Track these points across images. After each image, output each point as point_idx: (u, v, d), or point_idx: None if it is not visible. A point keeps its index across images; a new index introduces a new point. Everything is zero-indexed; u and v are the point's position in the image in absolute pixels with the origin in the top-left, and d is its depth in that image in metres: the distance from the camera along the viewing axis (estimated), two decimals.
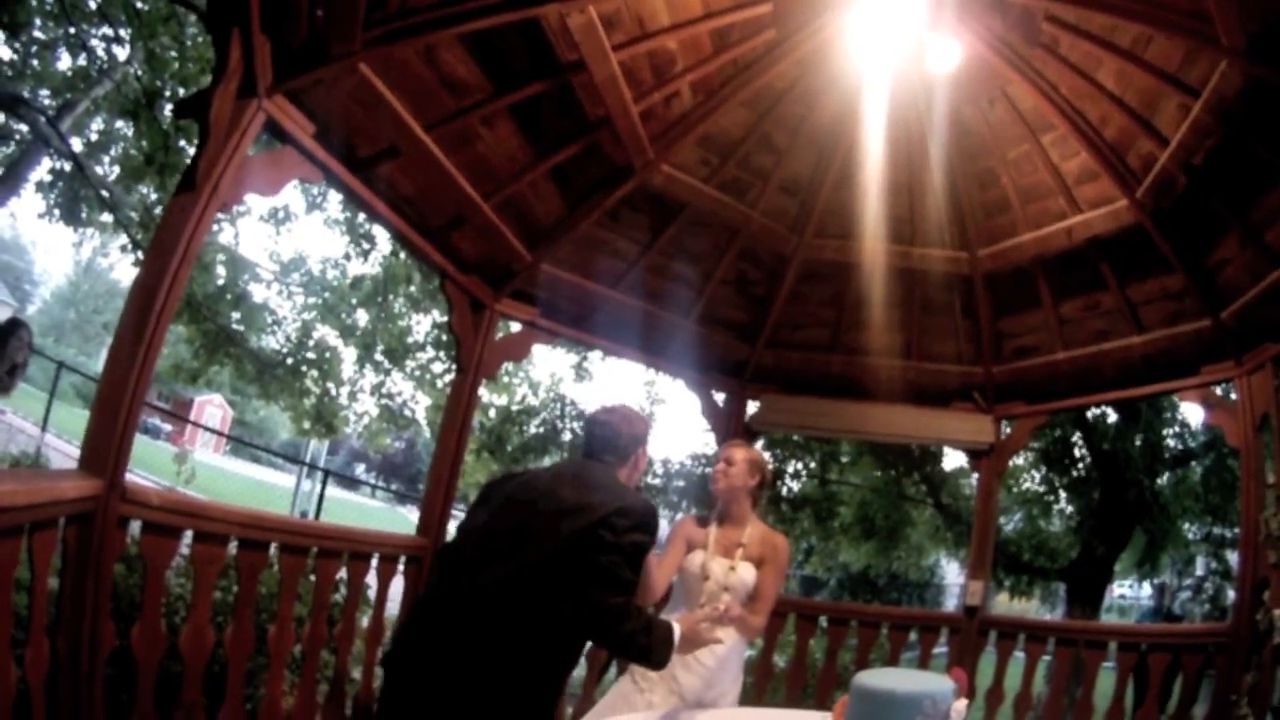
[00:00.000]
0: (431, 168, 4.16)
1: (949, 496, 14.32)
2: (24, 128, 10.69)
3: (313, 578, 4.08)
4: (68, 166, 11.06)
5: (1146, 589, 27.33)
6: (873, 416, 6.05)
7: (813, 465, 14.67)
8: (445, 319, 12.44)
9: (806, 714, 3.34)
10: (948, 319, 5.76)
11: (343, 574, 4.31)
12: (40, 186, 11.38)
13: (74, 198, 11.34)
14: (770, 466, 4.03)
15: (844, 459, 14.55)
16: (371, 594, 4.59)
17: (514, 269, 5.11)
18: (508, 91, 4.08)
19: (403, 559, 4.65)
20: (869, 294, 5.59)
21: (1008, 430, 5.94)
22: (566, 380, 15.77)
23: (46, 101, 11.11)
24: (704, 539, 3.70)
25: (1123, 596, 30.65)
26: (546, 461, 13.43)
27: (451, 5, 3.37)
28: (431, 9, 3.36)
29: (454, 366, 5.35)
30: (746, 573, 3.60)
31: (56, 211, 11.58)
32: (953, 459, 13.92)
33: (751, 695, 4.99)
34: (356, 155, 3.99)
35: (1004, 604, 18.03)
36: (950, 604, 23.30)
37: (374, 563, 4.40)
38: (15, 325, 5.75)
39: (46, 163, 11.49)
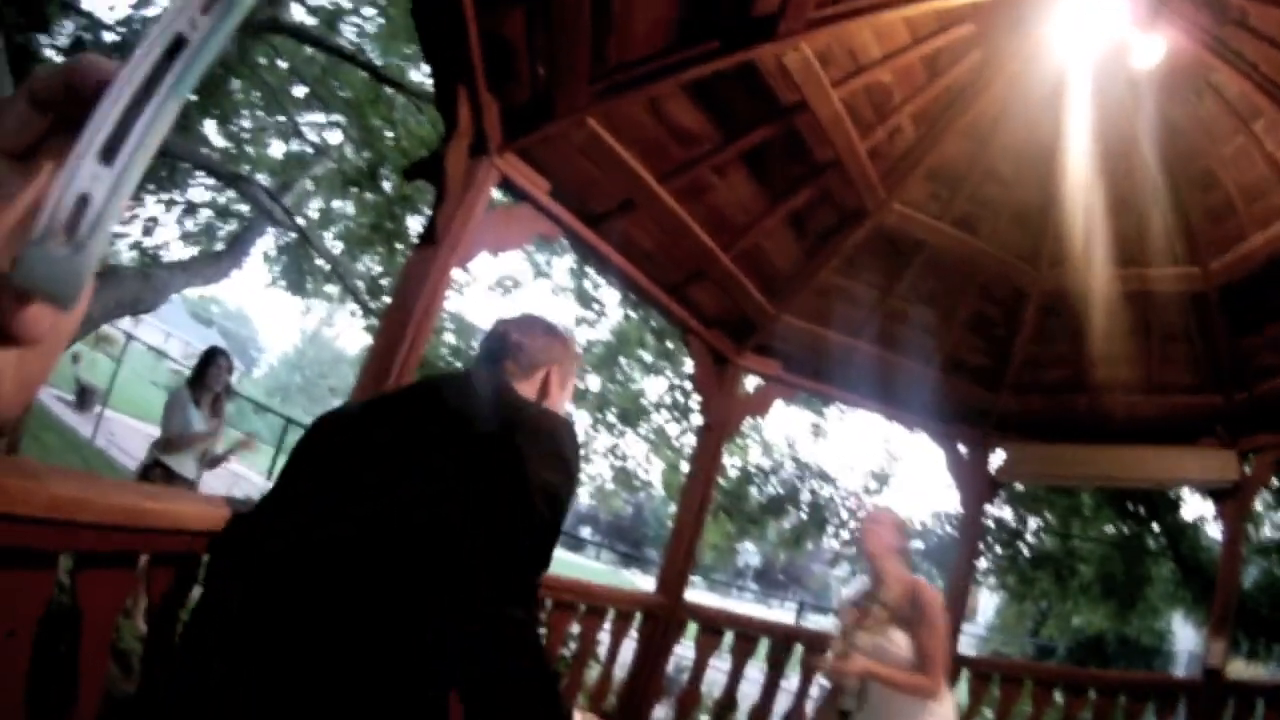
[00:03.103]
0: (668, 220, 4.19)
1: (1188, 548, 12.59)
2: (244, 207, 11.79)
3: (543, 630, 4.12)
4: (292, 239, 12.21)
5: None
6: (1115, 460, 5.41)
7: (1052, 520, 13.32)
8: (679, 381, 12.71)
9: None
10: (1184, 344, 5.09)
11: (575, 628, 4.31)
12: (266, 258, 12.66)
13: (299, 269, 12.48)
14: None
15: (1086, 513, 13.06)
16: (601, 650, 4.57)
17: (755, 322, 5.04)
18: (736, 138, 4.05)
19: (639, 616, 4.60)
20: (1105, 325, 5.03)
21: (1248, 469, 5.14)
22: (801, 439, 15.45)
23: (267, 182, 12.34)
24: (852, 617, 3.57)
25: None
26: (786, 526, 13.16)
27: (669, 55, 3.39)
28: (650, 60, 3.40)
29: (689, 428, 5.36)
30: (887, 640, 3.38)
31: (283, 282, 12.81)
32: (1192, 506, 12.38)
33: None
34: (591, 210, 4.09)
35: (1238, 670, 15.62)
36: (1179, 673, 20.66)
37: (609, 619, 4.38)
38: (214, 354, 6.03)
39: (270, 237, 12.69)
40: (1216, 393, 5.10)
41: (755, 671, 5.09)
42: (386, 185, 9.96)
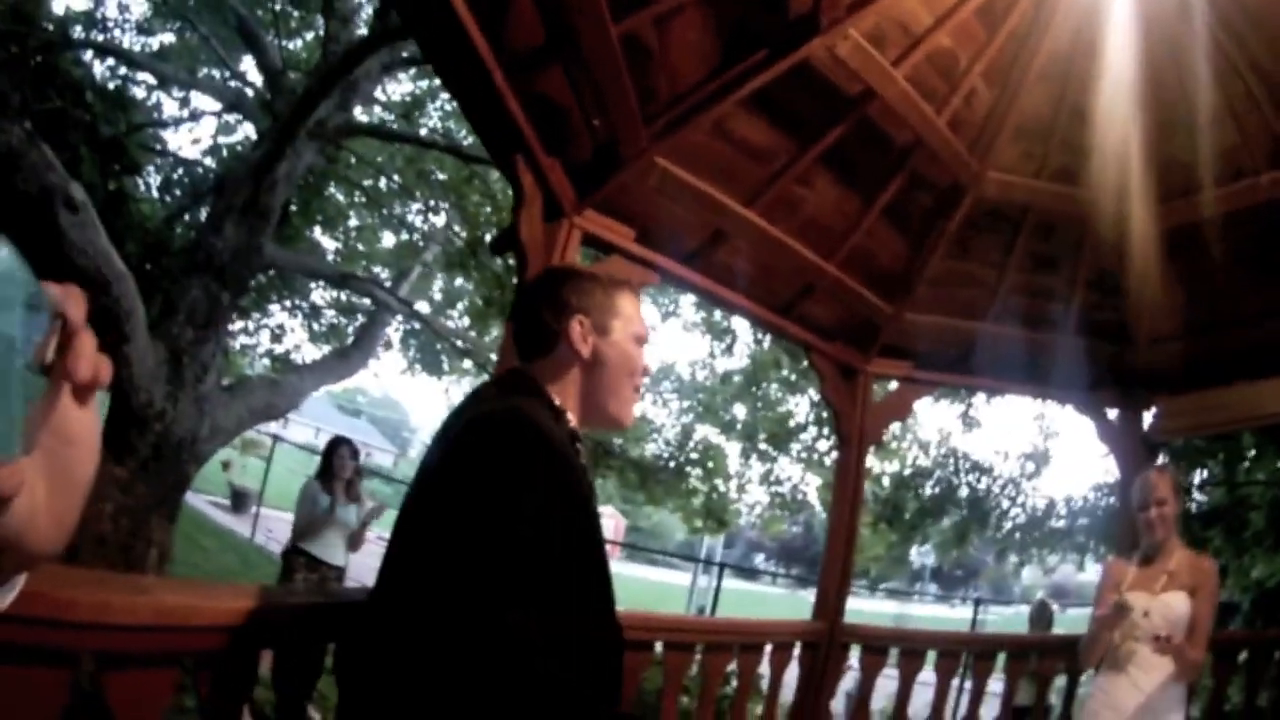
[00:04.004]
0: (763, 241, 4.11)
1: None
2: (365, 300, 12.31)
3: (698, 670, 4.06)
4: (416, 324, 12.60)
5: None
6: (1273, 392, 4.87)
7: (1215, 470, 12.22)
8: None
9: None
10: None
11: (733, 666, 4.23)
12: (402, 345, 13.10)
13: (431, 350, 12.84)
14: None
15: (1248, 457, 11.75)
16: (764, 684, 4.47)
17: (877, 324, 4.89)
18: (812, 143, 3.93)
19: (798, 645, 4.48)
20: (1228, 251, 4.54)
21: None
22: (955, 434, 14.92)
23: (384, 274, 12.97)
24: (1127, 577, 3.29)
25: None
26: (945, 524, 12.66)
27: (718, 76, 3.34)
28: (701, 85, 3.36)
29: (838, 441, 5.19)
30: (1175, 602, 3.16)
31: (417, 366, 13.21)
32: None
33: None
34: (685, 247, 4.06)
35: None
36: None
37: (767, 652, 4.28)
38: (335, 444, 6.26)
39: (398, 324, 13.33)
40: None
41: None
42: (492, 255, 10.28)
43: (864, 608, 21.29)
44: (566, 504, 1.52)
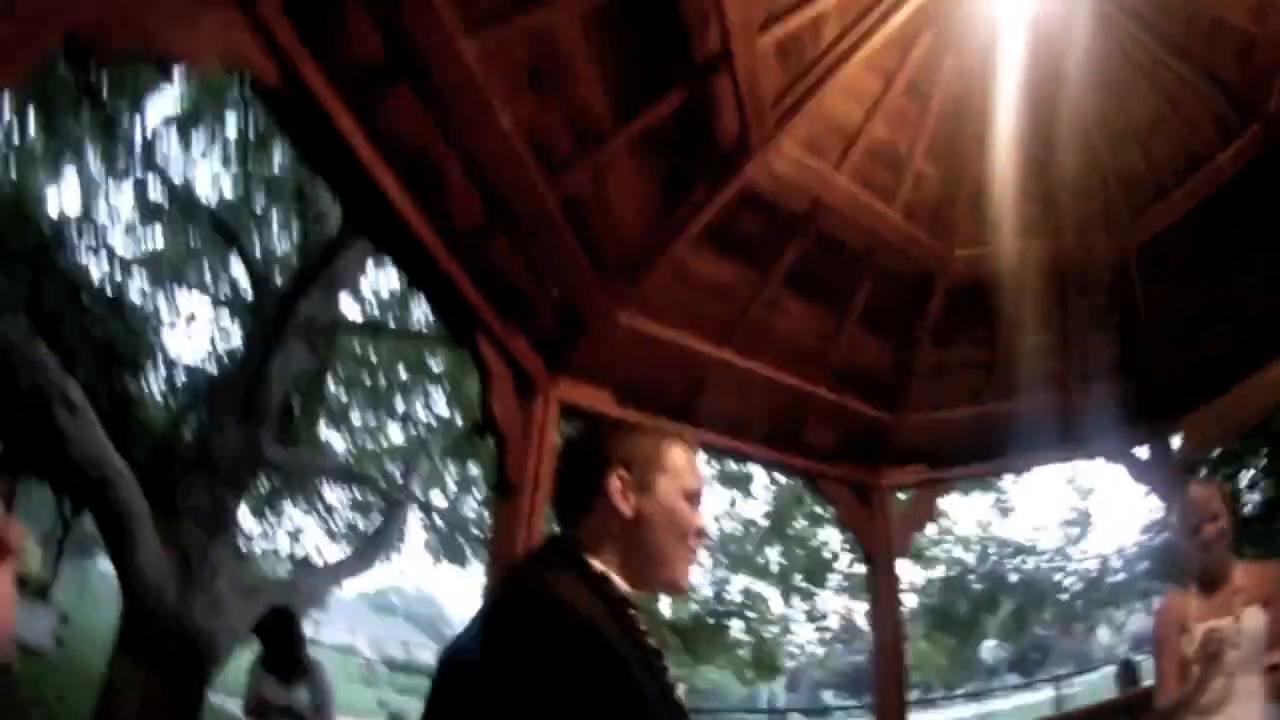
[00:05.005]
0: (746, 376, 4.04)
1: None
2: (373, 498, 12.31)
3: None
4: (438, 517, 12.48)
5: None
6: None
7: (1263, 464, 11.88)
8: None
9: None
10: None
11: None
12: (426, 539, 13.03)
13: (452, 542, 12.66)
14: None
15: None
16: None
17: (880, 435, 4.73)
18: (773, 268, 3.88)
19: None
20: (1209, 240, 4.37)
21: None
22: (995, 523, 14.59)
23: (395, 468, 12.84)
24: (1192, 610, 3.00)
25: None
26: (1002, 613, 12.25)
27: (664, 221, 3.31)
28: (651, 235, 3.33)
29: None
30: (1254, 619, 2.86)
31: (442, 557, 13.02)
32: None
33: None
34: (668, 400, 3.93)
35: None
36: None
37: None
38: (272, 620, 5.60)
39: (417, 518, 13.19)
40: None
41: None
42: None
43: (940, 718, 20.40)
44: (604, 680, 1.34)
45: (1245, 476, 11.75)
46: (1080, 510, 13.13)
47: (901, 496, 5.23)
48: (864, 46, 3.38)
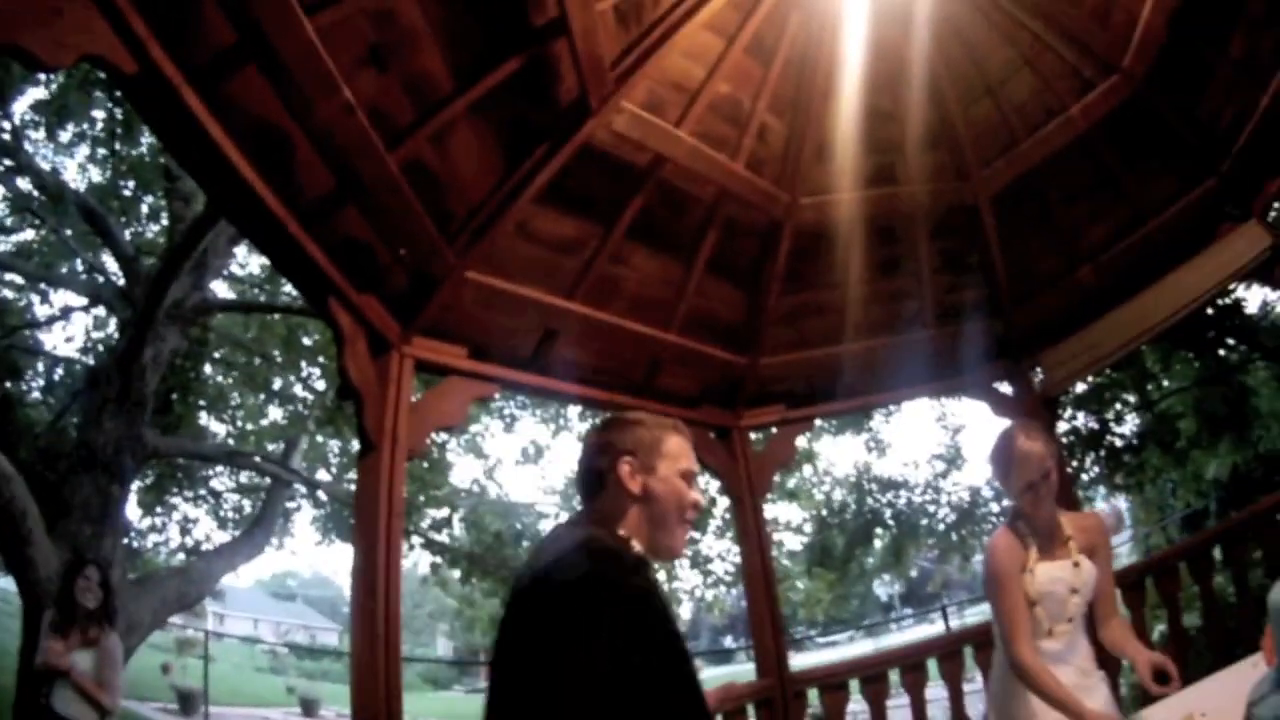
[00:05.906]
0: (597, 329, 4.15)
1: (1271, 339, 11.15)
2: (265, 479, 12.16)
3: None
4: (322, 494, 12.42)
5: None
6: (1153, 303, 4.87)
7: (1131, 399, 12.60)
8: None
9: (1237, 666, 2.98)
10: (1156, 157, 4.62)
11: None
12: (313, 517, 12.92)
13: (340, 518, 12.56)
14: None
15: (1154, 369, 12.03)
16: None
17: (736, 379, 4.93)
18: (616, 222, 4.00)
19: (750, 708, 4.36)
20: (1063, 187, 4.71)
21: None
22: (872, 463, 15.07)
23: (276, 447, 12.65)
24: (1031, 554, 3.06)
25: None
26: (877, 546, 12.79)
27: (507, 179, 3.42)
28: (494, 193, 3.43)
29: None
30: (1089, 569, 3.00)
31: (332, 535, 12.89)
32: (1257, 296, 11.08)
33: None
34: (520, 353, 4.06)
35: None
36: None
37: None
38: (79, 564, 5.02)
39: (299, 498, 13.06)
40: (1209, 174, 4.53)
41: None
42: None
43: (838, 655, 21.06)
44: (668, 614, 1.68)
45: (1114, 410, 12.55)
46: (950, 446, 13.71)
47: (761, 437, 5.43)
48: (704, 9, 3.50)
